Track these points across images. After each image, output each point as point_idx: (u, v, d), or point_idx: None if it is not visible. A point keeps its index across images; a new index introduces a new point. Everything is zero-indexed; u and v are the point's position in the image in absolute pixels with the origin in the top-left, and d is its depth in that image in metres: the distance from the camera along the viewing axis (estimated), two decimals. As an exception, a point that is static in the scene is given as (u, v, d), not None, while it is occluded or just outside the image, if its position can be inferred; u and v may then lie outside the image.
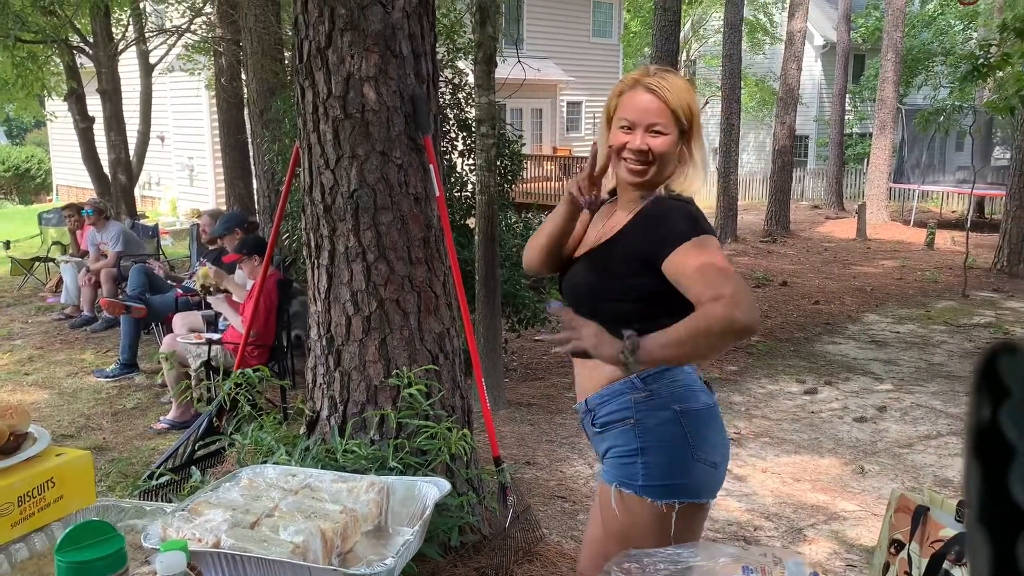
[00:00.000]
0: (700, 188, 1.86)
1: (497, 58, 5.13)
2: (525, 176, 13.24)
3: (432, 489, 1.43)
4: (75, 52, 11.12)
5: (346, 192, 3.09)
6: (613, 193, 1.99)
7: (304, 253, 3.35)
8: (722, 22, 14.25)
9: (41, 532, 1.35)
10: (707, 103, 24.10)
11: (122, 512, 1.46)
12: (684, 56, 22.24)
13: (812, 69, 23.07)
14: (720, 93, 14.17)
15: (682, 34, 19.07)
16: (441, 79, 5.88)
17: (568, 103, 21.12)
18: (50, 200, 21.64)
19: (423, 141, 3.14)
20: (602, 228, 1.93)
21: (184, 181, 17.63)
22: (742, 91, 15.32)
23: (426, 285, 3.20)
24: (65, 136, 18.48)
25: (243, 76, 8.96)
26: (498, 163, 5.51)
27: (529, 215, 7.27)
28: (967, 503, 0.39)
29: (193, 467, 3.45)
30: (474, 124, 5.40)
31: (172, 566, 0.98)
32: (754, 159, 24.91)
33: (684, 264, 1.67)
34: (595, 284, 1.85)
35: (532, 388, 6.03)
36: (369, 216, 3.10)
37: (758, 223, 15.38)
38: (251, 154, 8.70)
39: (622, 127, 1.81)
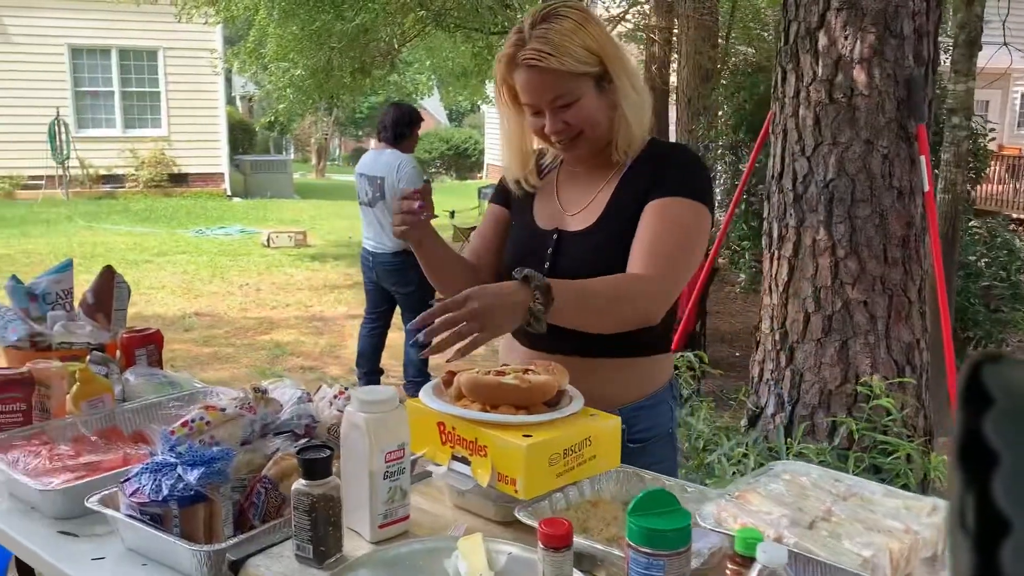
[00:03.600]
0: (648, 113, 1.55)
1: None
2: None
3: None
4: (521, 42, 12.19)
5: (821, 181, 2.92)
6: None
7: (763, 243, 3.25)
8: None
9: (575, 486, 1.41)
10: None
11: (643, 482, 1.48)
12: None
13: None
14: None
15: None
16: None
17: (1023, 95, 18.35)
18: (480, 177, 24.22)
19: (915, 130, 2.85)
20: (582, 201, 1.62)
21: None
22: None
23: (899, 289, 2.92)
24: (498, 119, 20.47)
25: (673, 64, 9.11)
26: (968, 160, 4.91)
27: (991, 220, 6.38)
28: (949, 510, 0.38)
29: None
30: (945, 114, 4.86)
31: (776, 559, 0.94)
32: None
33: (660, 219, 1.48)
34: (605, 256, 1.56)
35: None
36: (844, 208, 2.90)
37: None
38: (673, 141, 8.83)
39: (532, 113, 1.55)
